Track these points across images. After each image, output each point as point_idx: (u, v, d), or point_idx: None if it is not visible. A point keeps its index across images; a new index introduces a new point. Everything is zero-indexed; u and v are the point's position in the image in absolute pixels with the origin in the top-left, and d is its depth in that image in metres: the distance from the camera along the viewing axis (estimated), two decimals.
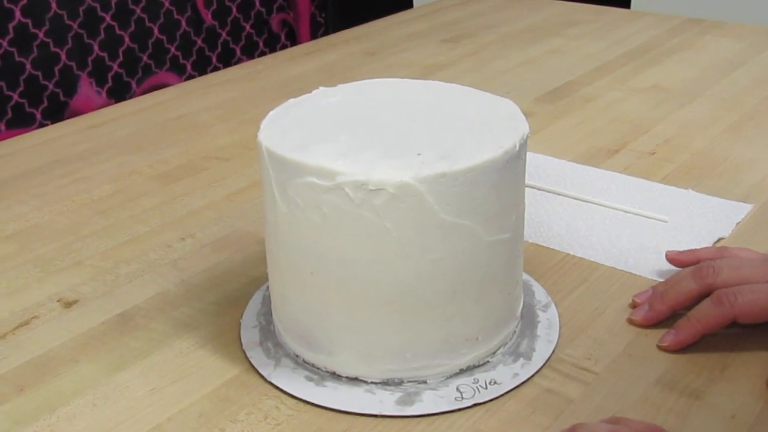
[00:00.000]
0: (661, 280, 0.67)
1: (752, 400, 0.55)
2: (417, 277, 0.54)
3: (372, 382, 0.57)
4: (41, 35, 1.23)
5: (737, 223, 0.76)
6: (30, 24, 1.22)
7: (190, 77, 1.42)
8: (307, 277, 0.56)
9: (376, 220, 0.52)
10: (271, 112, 0.60)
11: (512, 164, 0.55)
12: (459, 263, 0.54)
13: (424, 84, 0.65)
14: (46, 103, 1.26)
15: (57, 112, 1.27)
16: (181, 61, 1.44)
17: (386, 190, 0.51)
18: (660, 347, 0.60)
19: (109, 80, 1.34)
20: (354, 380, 0.58)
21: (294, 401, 0.57)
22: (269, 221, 0.58)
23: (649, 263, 0.70)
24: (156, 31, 1.39)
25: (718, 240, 0.74)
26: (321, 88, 0.64)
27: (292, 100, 0.62)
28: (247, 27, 1.53)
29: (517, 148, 0.55)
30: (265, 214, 0.59)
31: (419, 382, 0.57)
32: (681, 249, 0.70)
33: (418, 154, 0.53)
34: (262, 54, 1.52)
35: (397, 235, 0.53)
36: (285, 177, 0.54)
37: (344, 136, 0.56)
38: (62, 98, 1.28)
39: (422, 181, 0.51)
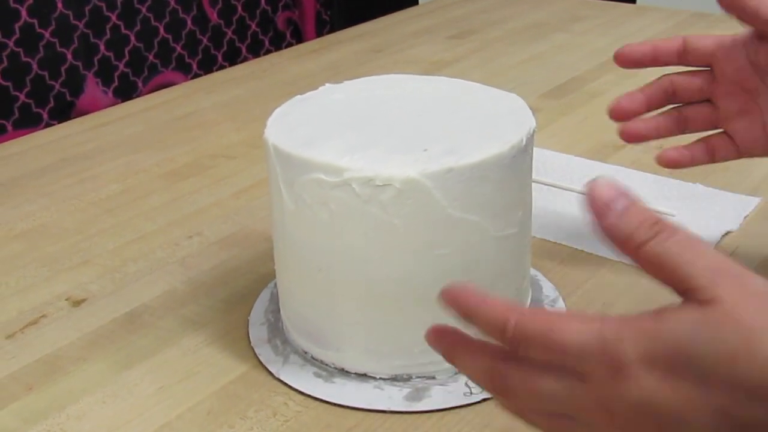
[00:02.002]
0: None
1: None
2: (425, 273, 0.54)
3: (380, 378, 0.57)
4: (47, 35, 1.23)
5: (745, 217, 0.76)
6: (36, 24, 1.22)
7: (196, 76, 1.42)
8: (315, 273, 0.56)
9: (384, 216, 0.52)
10: (278, 109, 0.60)
11: (519, 159, 0.55)
12: (466, 258, 0.54)
13: (430, 79, 0.65)
14: (52, 103, 1.26)
15: (64, 112, 1.27)
16: (187, 60, 1.44)
17: (393, 185, 0.51)
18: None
19: (116, 80, 1.34)
20: (362, 376, 0.58)
21: (302, 397, 0.57)
22: (276, 218, 0.58)
23: None
24: (162, 30, 1.39)
25: (726, 233, 0.73)
26: (327, 85, 0.64)
27: (298, 97, 0.62)
28: (253, 25, 1.53)
29: (524, 142, 0.55)
30: (272, 212, 0.59)
31: (428, 378, 0.57)
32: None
33: (425, 150, 0.53)
34: (268, 52, 1.52)
35: (405, 230, 0.52)
36: (292, 174, 0.54)
37: (351, 132, 0.56)
38: (69, 98, 1.28)
39: (429, 176, 0.51)
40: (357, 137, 0.55)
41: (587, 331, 0.36)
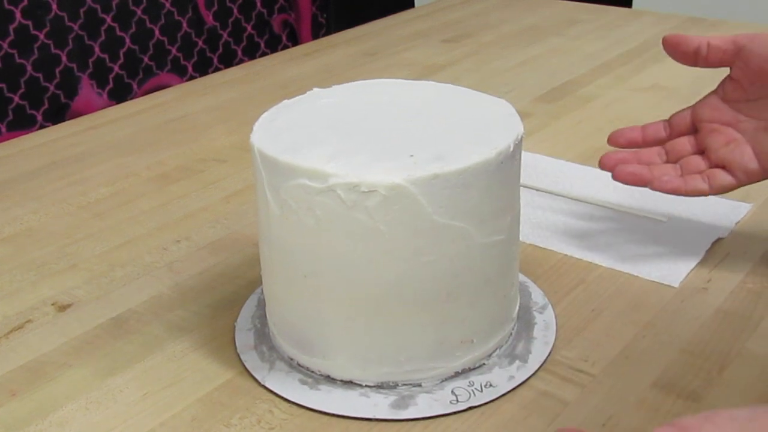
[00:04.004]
0: (660, 281, 0.67)
1: (750, 403, 0.55)
2: (411, 280, 0.54)
3: (366, 386, 0.57)
4: (42, 37, 1.23)
5: (736, 223, 0.75)
6: (31, 26, 1.22)
7: (192, 79, 1.42)
8: (301, 279, 0.56)
9: (369, 222, 0.52)
10: (264, 114, 0.60)
11: (506, 165, 0.54)
12: (453, 265, 0.54)
13: (418, 85, 0.65)
14: (47, 105, 1.26)
15: (58, 114, 1.27)
16: (183, 62, 1.44)
17: (379, 191, 0.51)
18: None
19: (110, 82, 1.34)
20: (348, 384, 0.57)
21: (288, 405, 0.56)
22: (262, 224, 0.58)
23: (647, 264, 0.70)
24: (157, 32, 1.39)
25: (717, 240, 0.73)
26: (315, 89, 0.63)
27: (285, 102, 0.62)
28: (249, 28, 1.53)
29: (512, 148, 0.54)
30: (258, 217, 0.58)
31: (414, 386, 0.57)
32: (680, 249, 0.70)
33: (411, 156, 0.52)
34: (264, 55, 1.52)
35: (390, 237, 0.52)
36: (277, 179, 0.54)
37: (337, 137, 0.55)
38: (63, 100, 1.28)
39: (415, 182, 0.51)
40: (343, 143, 0.55)
41: None
